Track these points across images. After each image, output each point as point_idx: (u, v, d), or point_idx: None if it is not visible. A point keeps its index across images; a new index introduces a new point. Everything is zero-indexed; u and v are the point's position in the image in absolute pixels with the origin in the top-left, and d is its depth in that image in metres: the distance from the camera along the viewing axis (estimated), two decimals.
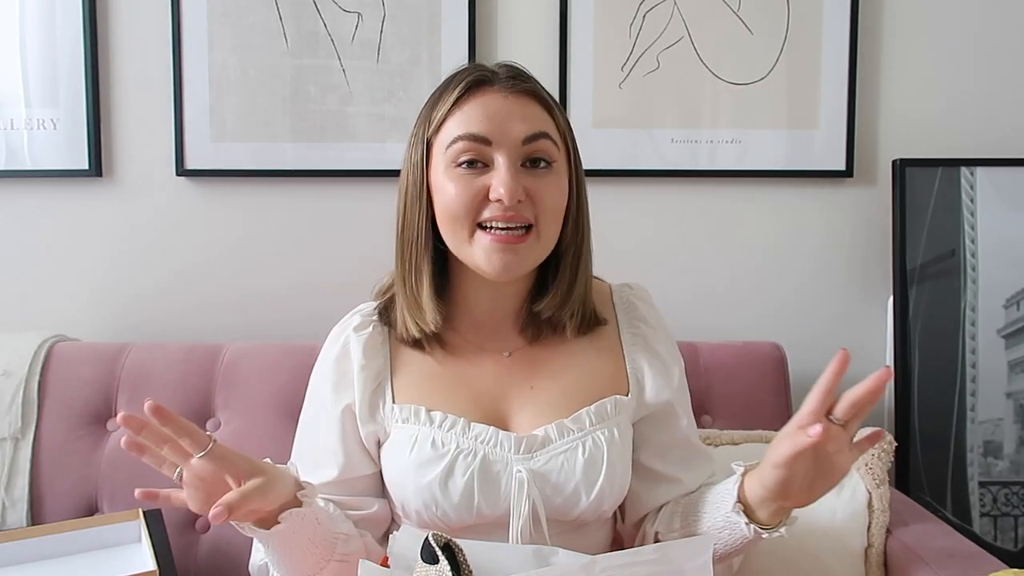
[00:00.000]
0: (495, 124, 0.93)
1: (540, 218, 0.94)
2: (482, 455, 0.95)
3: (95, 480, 1.36)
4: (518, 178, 0.92)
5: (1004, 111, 1.65)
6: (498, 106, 0.94)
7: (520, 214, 0.93)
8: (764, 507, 0.91)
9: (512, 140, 0.93)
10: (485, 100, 0.94)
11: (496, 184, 0.92)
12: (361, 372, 1.00)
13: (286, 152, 1.61)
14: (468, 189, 0.93)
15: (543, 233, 0.95)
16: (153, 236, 1.63)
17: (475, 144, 0.93)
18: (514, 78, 0.96)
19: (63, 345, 1.46)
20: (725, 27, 1.61)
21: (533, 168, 0.94)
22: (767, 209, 1.65)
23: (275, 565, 0.94)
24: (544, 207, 0.94)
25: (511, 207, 0.91)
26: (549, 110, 0.97)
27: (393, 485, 0.99)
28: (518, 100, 0.95)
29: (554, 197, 0.95)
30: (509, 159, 0.92)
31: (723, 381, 1.45)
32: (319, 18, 1.60)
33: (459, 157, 0.93)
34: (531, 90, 0.96)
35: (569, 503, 0.96)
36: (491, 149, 0.93)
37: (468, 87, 0.95)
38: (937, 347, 1.57)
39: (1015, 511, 1.56)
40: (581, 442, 0.97)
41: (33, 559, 1.20)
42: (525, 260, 0.95)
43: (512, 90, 0.95)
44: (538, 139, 0.94)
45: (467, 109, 0.94)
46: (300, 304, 1.62)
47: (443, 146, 0.95)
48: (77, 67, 1.59)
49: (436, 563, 0.83)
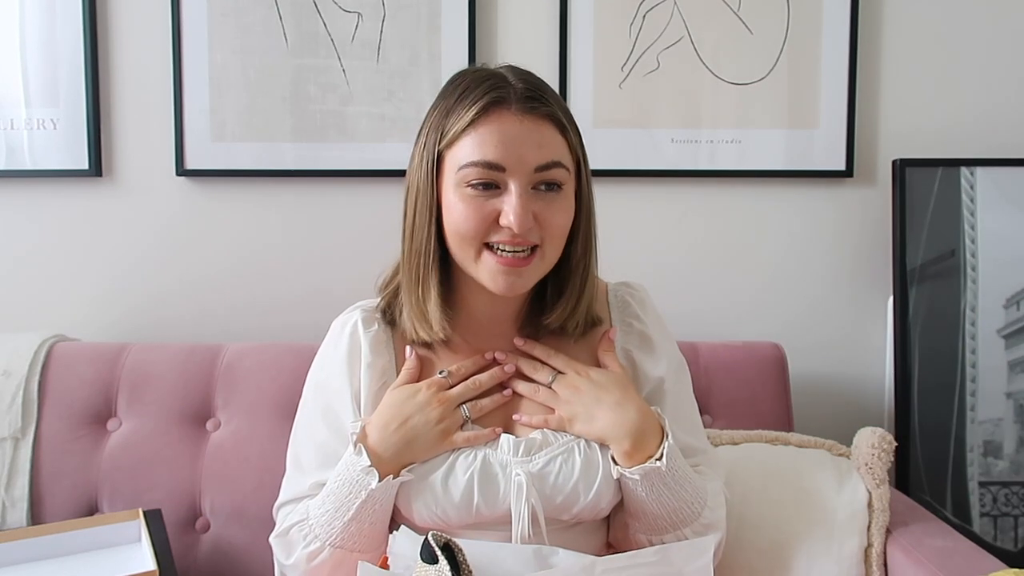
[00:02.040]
0: (510, 151, 0.92)
1: (546, 239, 0.95)
2: (482, 456, 0.96)
3: (95, 480, 1.36)
4: (528, 206, 0.92)
5: (1004, 111, 1.65)
6: (514, 132, 0.92)
7: (527, 239, 0.93)
8: (621, 458, 0.96)
9: (526, 168, 0.93)
10: (501, 125, 0.93)
11: (507, 211, 0.92)
12: (368, 369, 1.01)
13: (286, 152, 1.61)
14: (479, 212, 0.93)
15: (547, 254, 0.96)
16: (153, 236, 1.63)
17: (488, 171, 0.92)
18: (531, 99, 0.94)
19: (63, 345, 1.46)
20: (725, 27, 1.61)
21: (545, 192, 0.94)
22: (767, 209, 1.65)
23: (356, 533, 0.96)
24: (550, 229, 0.95)
25: (520, 234, 0.92)
26: (563, 132, 0.96)
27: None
28: (534, 124, 0.93)
29: (560, 221, 0.96)
30: (521, 186, 0.92)
31: (723, 381, 1.45)
32: (319, 18, 1.60)
33: (471, 179, 0.93)
34: (548, 114, 0.95)
35: (568, 503, 0.96)
36: (504, 175, 0.93)
37: (485, 107, 0.93)
38: (937, 347, 1.57)
39: (1015, 511, 1.56)
40: (577, 444, 0.98)
41: (33, 559, 1.20)
42: (529, 280, 0.97)
43: (529, 113, 0.93)
44: (551, 168, 0.94)
45: (483, 131, 0.93)
46: (300, 304, 1.62)
47: (455, 164, 0.94)
48: (77, 67, 1.59)
49: (436, 563, 0.84)
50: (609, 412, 0.96)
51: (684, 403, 1.08)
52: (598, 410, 0.97)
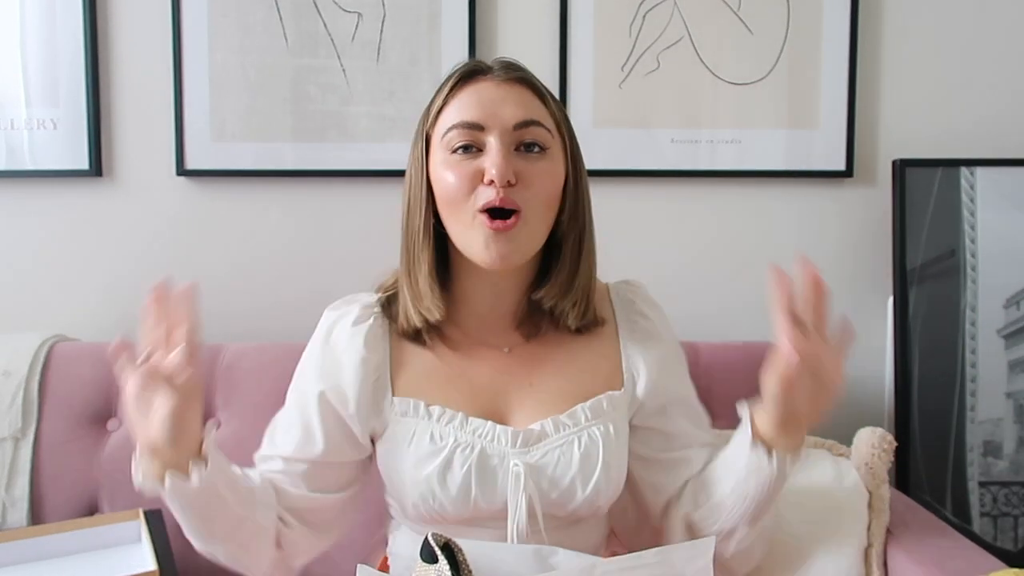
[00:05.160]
0: (487, 110, 0.95)
1: (528, 202, 0.94)
2: (479, 449, 0.96)
3: (95, 480, 1.36)
4: (509, 160, 0.93)
5: (1004, 111, 1.65)
6: (491, 93, 0.96)
7: (509, 197, 0.93)
8: (779, 440, 0.92)
9: (503, 124, 0.94)
10: (478, 88, 0.97)
11: (488, 165, 0.93)
12: (362, 365, 1.00)
13: (286, 152, 1.61)
14: (463, 173, 0.94)
15: (531, 218, 0.95)
16: (153, 236, 1.63)
17: (468, 131, 0.95)
18: (507, 68, 0.99)
19: (63, 345, 1.46)
20: (725, 27, 1.61)
21: (526, 153, 0.96)
22: (767, 209, 1.65)
23: (193, 530, 0.93)
24: (534, 191, 0.95)
25: (501, 187, 0.92)
26: (542, 98, 0.99)
27: (390, 478, 1.00)
28: (511, 87, 0.97)
29: (544, 182, 0.96)
30: (501, 142, 0.94)
31: (723, 381, 1.45)
32: (319, 18, 1.60)
33: (454, 144, 0.95)
34: (524, 78, 0.99)
35: (565, 497, 0.96)
36: (483, 134, 0.95)
37: (462, 77, 0.98)
38: (937, 347, 1.57)
39: (1015, 511, 1.56)
40: (577, 437, 0.97)
41: (33, 559, 1.21)
42: (520, 247, 0.95)
43: (505, 78, 0.97)
44: (530, 125, 0.95)
45: (461, 97, 0.97)
46: (301, 304, 1.61)
47: (440, 136, 0.97)
48: (77, 67, 1.59)
49: (435, 563, 0.84)
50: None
51: (695, 401, 1.08)
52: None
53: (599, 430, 0.98)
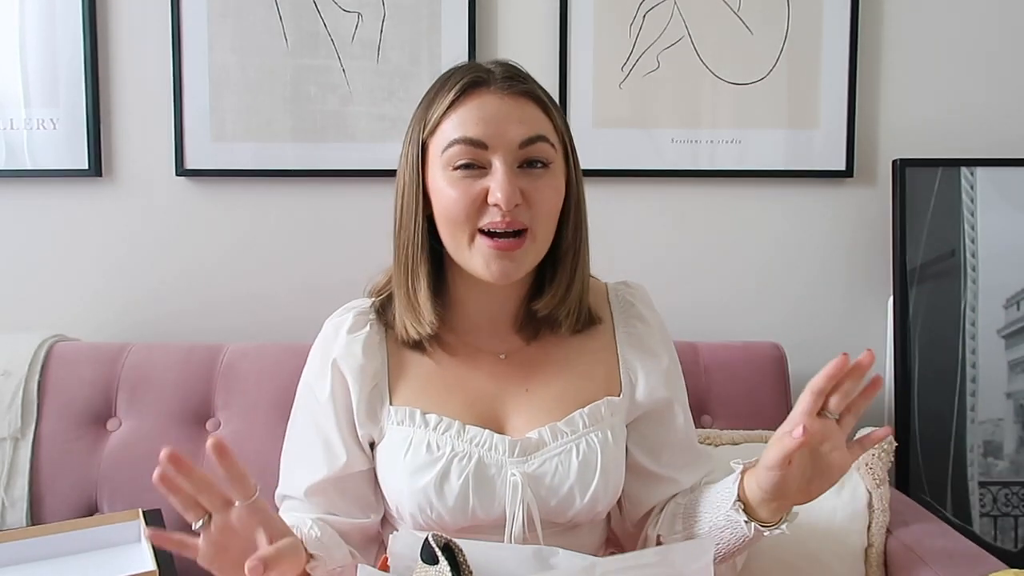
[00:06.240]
0: (492, 128, 0.92)
1: (536, 219, 0.93)
2: (477, 458, 0.95)
3: (95, 480, 1.36)
4: (515, 182, 0.91)
5: (1004, 111, 1.65)
6: (495, 109, 0.93)
7: (516, 219, 0.92)
8: (764, 506, 0.91)
9: (509, 144, 0.92)
10: (481, 102, 0.93)
11: (493, 188, 0.91)
12: (360, 372, 0.99)
13: (286, 152, 1.61)
14: (467, 193, 0.92)
15: (538, 235, 0.94)
16: (153, 236, 1.63)
17: (471, 148, 0.92)
18: (510, 79, 0.95)
19: (63, 345, 1.46)
20: (725, 27, 1.61)
21: (530, 169, 0.94)
22: (767, 209, 1.65)
23: None
24: (539, 209, 0.93)
25: (508, 211, 0.91)
26: (546, 110, 0.96)
27: (388, 487, 0.99)
28: (515, 102, 0.94)
29: (550, 199, 0.95)
30: (506, 163, 0.91)
31: (723, 381, 1.46)
32: (319, 18, 1.60)
33: (456, 160, 0.92)
34: (528, 91, 0.95)
35: (564, 505, 0.96)
36: (488, 153, 0.92)
37: (464, 88, 0.94)
38: (937, 347, 1.57)
39: (1015, 511, 1.56)
40: (575, 444, 0.97)
41: (33, 559, 1.20)
42: (522, 264, 0.95)
43: (509, 91, 0.94)
44: (535, 142, 0.93)
45: (463, 112, 0.93)
46: (300, 304, 1.62)
47: (439, 149, 0.94)
48: (77, 67, 1.59)
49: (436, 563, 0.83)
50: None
51: (685, 408, 1.07)
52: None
53: (597, 437, 0.97)
